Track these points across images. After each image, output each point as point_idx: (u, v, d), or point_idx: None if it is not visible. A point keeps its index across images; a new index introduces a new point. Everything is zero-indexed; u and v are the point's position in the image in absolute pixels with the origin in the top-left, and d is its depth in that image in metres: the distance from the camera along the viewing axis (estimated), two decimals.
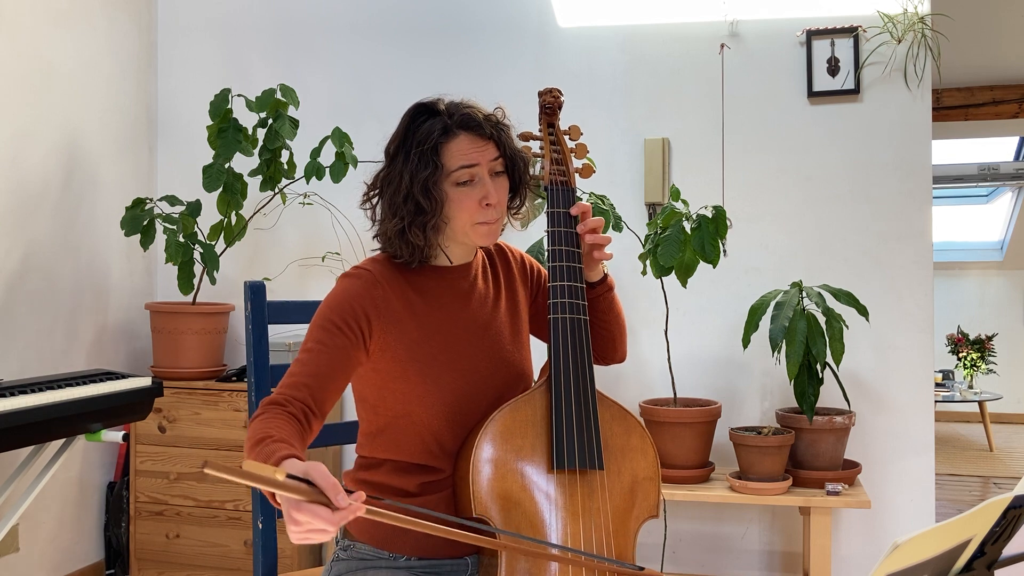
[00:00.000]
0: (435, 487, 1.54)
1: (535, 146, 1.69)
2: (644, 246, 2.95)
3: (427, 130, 1.50)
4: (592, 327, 1.68)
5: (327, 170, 3.17)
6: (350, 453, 3.51)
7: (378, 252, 1.60)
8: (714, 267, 2.84)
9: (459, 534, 1.24)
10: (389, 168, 1.54)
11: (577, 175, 1.71)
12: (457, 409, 1.53)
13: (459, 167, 1.49)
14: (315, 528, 1.12)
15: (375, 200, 1.57)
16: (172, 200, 3.25)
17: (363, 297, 1.50)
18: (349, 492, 1.14)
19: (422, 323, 1.54)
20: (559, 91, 1.74)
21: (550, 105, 1.73)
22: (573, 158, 1.72)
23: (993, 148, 7.04)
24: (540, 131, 1.72)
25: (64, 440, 2.51)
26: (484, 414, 1.53)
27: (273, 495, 1.20)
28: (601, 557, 1.43)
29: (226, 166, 3.17)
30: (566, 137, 1.73)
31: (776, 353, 2.87)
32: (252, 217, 3.44)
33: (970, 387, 6.67)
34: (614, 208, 2.94)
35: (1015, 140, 7.01)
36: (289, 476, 1.13)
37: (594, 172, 1.74)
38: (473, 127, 1.51)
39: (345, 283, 1.53)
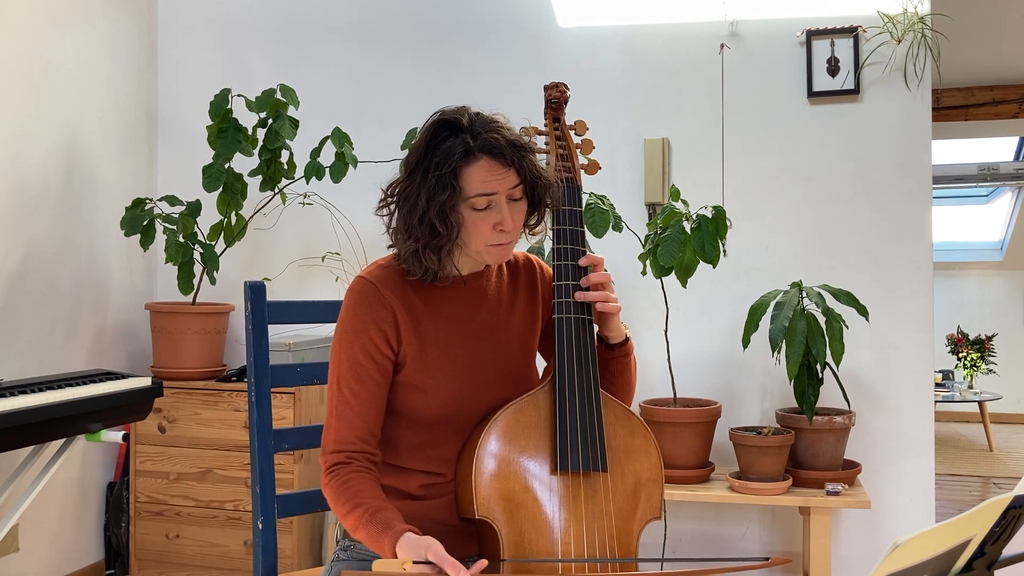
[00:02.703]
0: (437, 491, 1.54)
1: (540, 141, 1.65)
2: (644, 246, 2.95)
3: (448, 150, 1.44)
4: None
5: (327, 170, 3.17)
6: None
7: (390, 255, 1.59)
8: (714, 267, 2.84)
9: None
10: (407, 182, 1.49)
11: (583, 171, 1.66)
12: (458, 417, 1.53)
13: (477, 194, 1.45)
14: None
15: (392, 208, 1.53)
16: (172, 200, 3.25)
17: (376, 319, 1.50)
18: (468, 560, 1.28)
19: (426, 332, 1.53)
20: (565, 85, 1.69)
21: (556, 100, 1.68)
22: (579, 154, 1.68)
23: (993, 148, 7.04)
24: (545, 126, 1.68)
25: (64, 440, 2.51)
26: (485, 420, 1.52)
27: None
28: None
29: (226, 166, 3.17)
30: (572, 132, 1.69)
31: (776, 353, 2.87)
32: (252, 217, 3.43)
33: (970, 387, 6.66)
34: (614, 208, 2.94)
35: (1015, 140, 7.01)
36: (417, 562, 1.27)
37: (600, 169, 1.70)
38: (495, 153, 1.44)
39: (353, 307, 1.52)
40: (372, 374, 1.49)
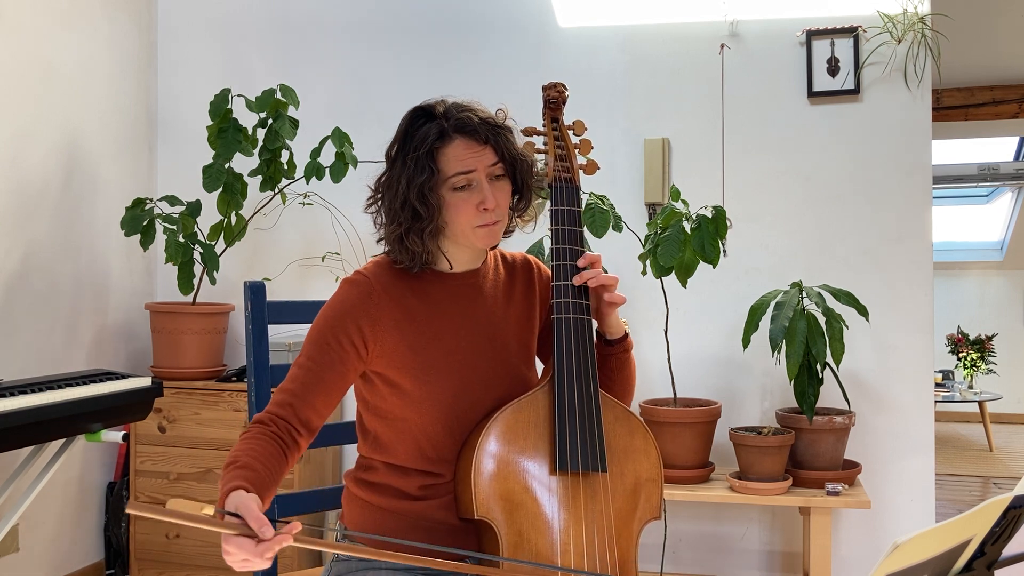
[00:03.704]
0: (437, 491, 1.53)
1: (539, 142, 1.65)
2: (644, 246, 2.95)
3: (423, 134, 1.49)
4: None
5: (327, 170, 3.17)
6: (350, 453, 3.51)
7: (383, 254, 1.60)
8: (714, 267, 2.84)
9: (418, 559, 1.25)
10: (389, 172, 1.53)
11: (581, 171, 1.66)
12: (455, 416, 1.52)
13: (455, 173, 1.48)
14: (243, 558, 1.22)
15: (379, 203, 1.56)
16: (172, 200, 3.25)
17: (357, 308, 1.51)
18: (285, 522, 1.23)
19: (421, 329, 1.53)
20: (563, 85, 1.69)
21: (554, 100, 1.69)
22: (577, 154, 1.68)
23: (993, 148, 7.04)
24: (544, 126, 1.68)
25: (64, 440, 2.51)
26: (485, 420, 1.52)
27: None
28: (594, 574, 1.43)
29: (226, 166, 3.17)
30: (570, 132, 1.69)
31: (776, 353, 2.87)
32: (252, 217, 3.43)
33: (970, 387, 6.66)
34: (614, 208, 2.94)
35: (1015, 140, 7.01)
36: (227, 512, 1.23)
37: (598, 169, 1.70)
38: (469, 132, 1.48)
39: (341, 293, 1.54)
40: (336, 355, 1.49)
